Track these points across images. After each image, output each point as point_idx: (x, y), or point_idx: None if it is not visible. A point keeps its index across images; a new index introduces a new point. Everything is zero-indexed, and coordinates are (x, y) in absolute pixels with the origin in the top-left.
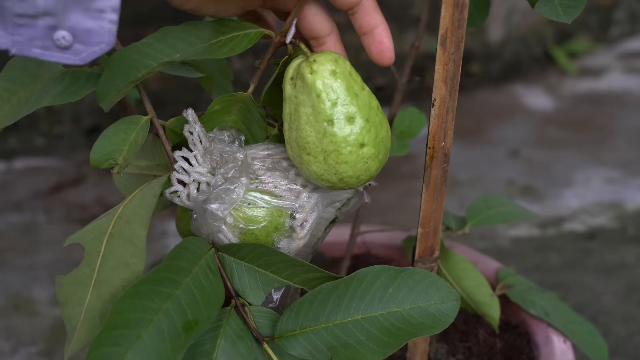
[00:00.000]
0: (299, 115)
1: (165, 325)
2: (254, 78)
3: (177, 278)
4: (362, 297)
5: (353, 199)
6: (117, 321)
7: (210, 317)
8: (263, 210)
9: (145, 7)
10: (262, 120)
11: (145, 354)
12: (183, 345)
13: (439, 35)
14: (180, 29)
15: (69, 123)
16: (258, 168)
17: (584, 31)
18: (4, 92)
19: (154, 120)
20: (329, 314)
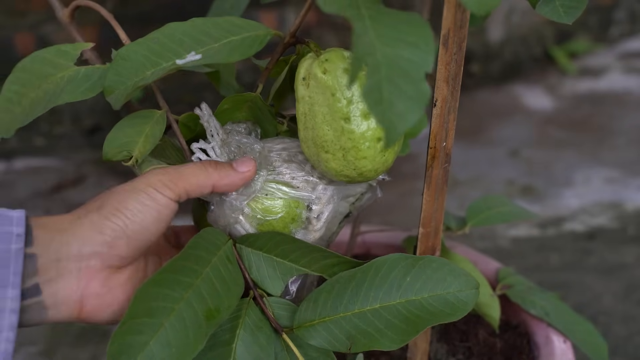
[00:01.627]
0: (315, 114)
1: (187, 314)
2: (261, 78)
3: (197, 267)
4: (380, 285)
5: (366, 193)
6: (139, 310)
7: (231, 306)
8: (281, 201)
9: (146, 7)
10: (272, 117)
11: (167, 343)
12: (205, 334)
13: (441, 35)
14: (189, 25)
15: (69, 123)
16: (275, 160)
17: (584, 31)
18: (14, 95)
19: (168, 115)
20: (347, 303)
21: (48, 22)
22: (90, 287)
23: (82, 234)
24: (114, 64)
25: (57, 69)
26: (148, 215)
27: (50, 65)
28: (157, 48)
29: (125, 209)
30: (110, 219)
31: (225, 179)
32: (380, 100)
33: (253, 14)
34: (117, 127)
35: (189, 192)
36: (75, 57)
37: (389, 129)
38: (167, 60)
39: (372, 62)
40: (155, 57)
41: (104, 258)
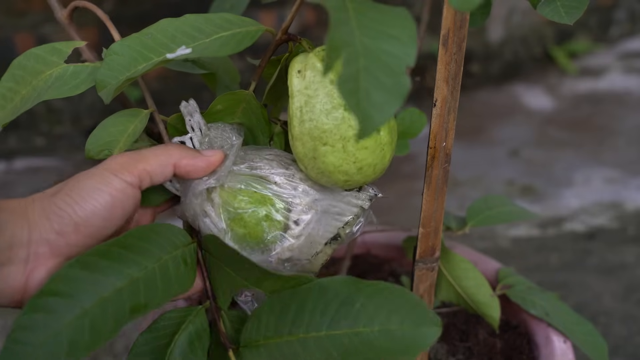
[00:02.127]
0: (313, 105)
1: (114, 304)
2: (254, 76)
3: (142, 260)
4: (325, 311)
5: (359, 218)
6: (61, 288)
7: (160, 304)
8: (255, 194)
9: (146, 7)
10: (265, 122)
11: (82, 328)
12: (122, 325)
13: (441, 35)
14: (182, 21)
15: (69, 123)
16: (255, 157)
17: (584, 31)
18: (8, 92)
19: (155, 115)
20: (291, 326)
21: (48, 23)
22: (34, 274)
23: (33, 220)
24: (106, 58)
25: (48, 66)
26: (101, 200)
27: (42, 62)
28: (149, 43)
29: (76, 194)
30: (58, 205)
31: (187, 159)
32: (357, 90)
33: (253, 14)
34: (101, 126)
35: (150, 174)
36: (67, 55)
37: (364, 119)
38: (159, 55)
39: (350, 52)
40: (148, 51)
41: (52, 246)
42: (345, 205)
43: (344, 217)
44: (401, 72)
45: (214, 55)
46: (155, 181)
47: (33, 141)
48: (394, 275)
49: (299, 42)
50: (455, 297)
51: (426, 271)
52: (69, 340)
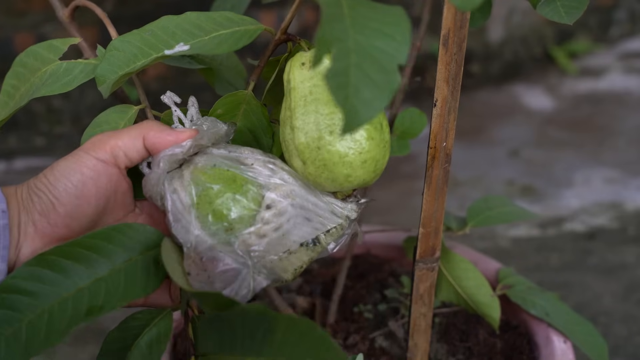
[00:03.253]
0: (319, 94)
1: (73, 305)
2: (253, 75)
3: (107, 262)
4: (253, 334)
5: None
6: (22, 285)
7: (114, 307)
8: (226, 172)
9: (146, 6)
10: (266, 123)
11: (40, 327)
12: (75, 327)
13: (441, 35)
14: (182, 18)
15: (69, 123)
16: (241, 148)
17: (584, 31)
18: (11, 89)
19: (147, 111)
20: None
21: (48, 22)
22: (22, 253)
23: (21, 200)
24: (107, 54)
25: (44, 63)
26: (72, 179)
27: (40, 59)
28: (150, 39)
29: (50, 175)
30: (37, 186)
31: (155, 131)
32: (346, 85)
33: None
34: (94, 123)
35: (122, 149)
36: (62, 52)
37: (351, 114)
38: (158, 51)
39: (341, 48)
40: (147, 48)
41: (37, 225)
42: (329, 214)
43: (327, 222)
44: (393, 70)
45: (211, 53)
46: (131, 156)
47: (33, 141)
48: (394, 275)
49: (298, 42)
50: (456, 297)
51: (426, 271)
52: (27, 338)
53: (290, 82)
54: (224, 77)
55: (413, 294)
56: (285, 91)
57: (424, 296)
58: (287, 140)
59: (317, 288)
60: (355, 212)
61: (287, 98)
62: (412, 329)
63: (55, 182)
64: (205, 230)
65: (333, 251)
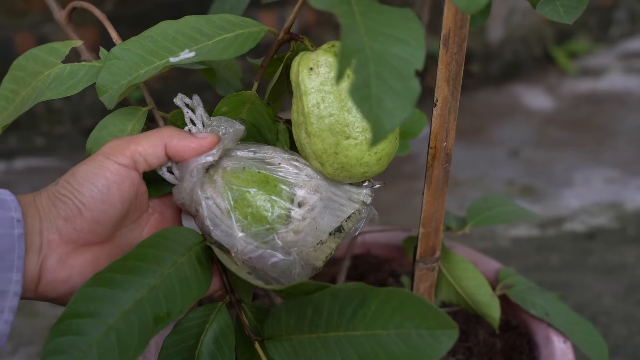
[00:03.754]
0: (331, 101)
1: (138, 317)
2: (256, 76)
3: (157, 268)
4: (341, 312)
5: (362, 213)
6: (82, 309)
7: (183, 310)
8: (258, 174)
9: (146, 7)
10: (271, 121)
11: (112, 347)
12: (149, 338)
13: (442, 35)
14: (182, 23)
15: (69, 123)
16: (259, 146)
17: (584, 31)
18: (10, 94)
19: (154, 112)
20: (310, 326)
21: (48, 23)
22: (47, 261)
23: (42, 209)
24: (107, 63)
25: (46, 66)
26: (97, 184)
27: (41, 63)
28: (150, 46)
29: (73, 180)
30: (60, 192)
31: (178, 139)
32: (369, 97)
33: (253, 15)
34: (101, 124)
35: (142, 155)
36: (64, 55)
37: (377, 126)
38: (161, 58)
39: (361, 59)
40: (149, 55)
41: (61, 232)
42: (347, 201)
43: (347, 210)
44: (410, 76)
45: (218, 59)
46: (151, 162)
47: (33, 141)
48: (394, 275)
49: (301, 40)
50: (455, 297)
51: (426, 271)
52: (100, 359)
53: (300, 87)
54: (222, 77)
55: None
56: (295, 93)
57: (424, 296)
58: (303, 144)
59: None
60: (370, 196)
61: (299, 102)
62: None
63: (80, 188)
64: (246, 232)
65: (355, 234)
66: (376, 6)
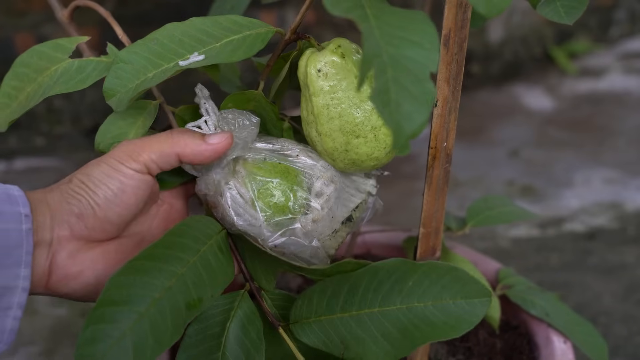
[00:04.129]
0: (340, 101)
1: (169, 303)
2: (262, 75)
3: (184, 256)
4: (378, 288)
5: (366, 203)
6: (115, 297)
7: (214, 295)
8: (279, 166)
9: (146, 7)
10: (276, 119)
11: (145, 333)
12: (184, 323)
13: (442, 35)
14: (188, 25)
15: (69, 123)
16: (274, 139)
17: (584, 31)
18: (13, 91)
19: (163, 106)
20: (343, 304)
21: (48, 23)
22: (57, 256)
23: (53, 205)
24: (113, 67)
25: (52, 62)
26: (112, 187)
27: (47, 59)
28: (157, 49)
29: (88, 181)
30: (75, 190)
31: (191, 147)
32: (388, 102)
33: (253, 15)
34: (110, 119)
35: (156, 162)
36: (71, 51)
37: (397, 130)
38: (169, 61)
39: (379, 64)
40: (157, 58)
41: (73, 228)
42: (354, 191)
43: (355, 199)
44: (426, 79)
45: (227, 61)
46: (163, 168)
47: (33, 141)
48: None
49: (307, 39)
50: None
51: None
52: (134, 346)
53: (309, 88)
54: (224, 74)
55: None
56: (303, 92)
57: None
58: (314, 142)
59: None
60: (375, 187)
61: (308, 102)
62: None
63: (95, 189)
64: (270, 221)
65: (362, 223)
66: (388, 8)
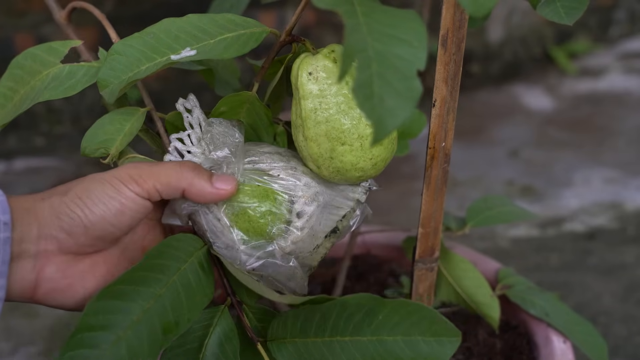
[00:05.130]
0: (328, 106)
1: (146, 327)
2: (257, 77)
3: (162, 277)
4: (349, 319)
5: (355, 211)
6: (93, 322)
7: (190, 319)
8: (258, 188)
9: (145, 7)
10: (269, 123)
11: (121, 357)
12: (160, 347)
13: (440, 36)
14: (184, 21)
15: (69, 123)
16: (255, 153)
17: (584, 31)
18: (8, 91)
19: (152, 113)
20: (316, 330)
21: (48, 23)
22: (45, 270)
23: (42, 216)
24: (109, 58)
25: (45, 66)
26: (111, 207)
27: (40, 62)
28: (152, 43)
29: (87, 198)
30: (69, 206)
31: (197, 187)
32: (371, 96)
33: (253, 15)
34: (97, 124)
35: (160, 191)
36: (63, 54)
37: (378, 124)
38: (162, 55)
39: (363, 58)
40: (151, 52)
41: (61, 243)
42: (342, 199)
43: (342, 210)
44: (412, 76)
45: (219, 57)
46: (166, 198)
47: (33, 141)
48: (393, 276)
49: (303, 43)
50: (455, 297)
51: (425, 271)
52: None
53: (299, 91)
54: (221, 77)
55: (412, 294)
56: (294, 95)
57: (423, 296)
58: (301, 146)
59: (317, 288)
60: (364, 194)
61: (297, 105)
62: None
63: (93, 207)
64: (248, 245)
65: (349, 231)
66: (379, 7)
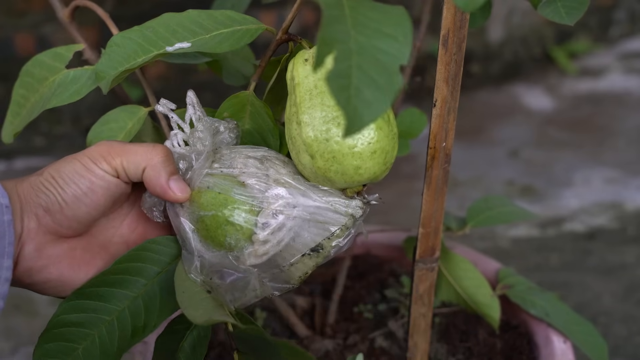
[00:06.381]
0: (324, 89)
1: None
2: (254, 75)
3: (142, 280)
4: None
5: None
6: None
7: (157, 325)
8: (218, 196)
9: (145, 6)
10: (272, 124)
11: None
12: (126, 349)
13: (441, 36)
14: (184, 16)
15: (69, 123)
16: (235, 156)
17: (584, 31)
18: (21, 99)
19: (157, 112)
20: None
21: (48, 22)
22: (25, 248)
23: (23, 194)
24: (107, 49)
25: (51, 72)
26: (82, 186)
27: (47, 68)
28: (151, 36)
29: (59, 177)
30: (44, 185)
31: (154, 173)
32: (348, 86)
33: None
34: (103, 119)
35: (126, 169)
36: (68, 59)
37: (353, 116)
38: (159, 48)
39: (343, 49)
40: (148, 44)
41: (40, 221)
42: (332, 214)
43: (331, 226)
44: (395, 71)
45: (212, 51)
46: (132, 178)
47: (33, 141)
48: (394, 275)
49: (299, 42)
50: (455, 297)
51: (426, 271)
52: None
53: (294, 79)
54: (230, 65)
55: (413, 294)
56: (289, 89)
57: (423, 296)
58: (294, 137)
59: (317, 288)
60: (361, 209)
61: (292, 95)
62: (411, 329)
63: (65, 186)
64: (209, 253)
65: (340, 251)
66: (368, 2)
